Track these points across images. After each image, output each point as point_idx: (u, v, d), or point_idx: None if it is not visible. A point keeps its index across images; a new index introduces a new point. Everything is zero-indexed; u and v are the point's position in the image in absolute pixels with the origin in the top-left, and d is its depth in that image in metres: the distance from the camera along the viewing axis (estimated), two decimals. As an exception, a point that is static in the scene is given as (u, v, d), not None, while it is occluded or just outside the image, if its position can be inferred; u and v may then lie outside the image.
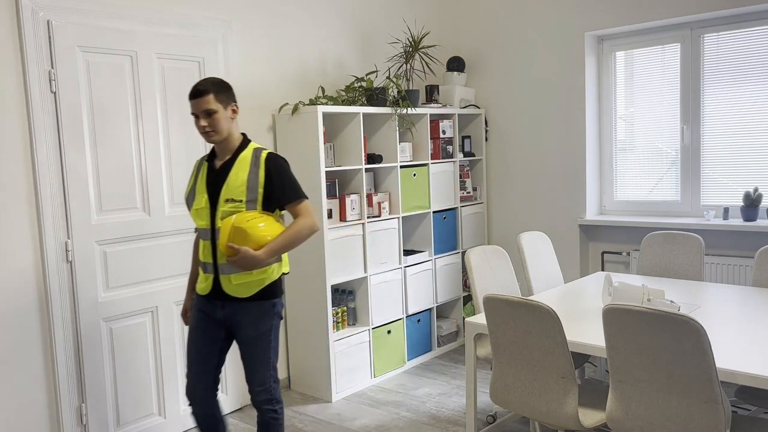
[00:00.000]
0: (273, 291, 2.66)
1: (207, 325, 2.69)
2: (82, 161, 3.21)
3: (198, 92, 2.53)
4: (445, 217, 4.79)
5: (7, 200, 2.99)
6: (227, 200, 2.55)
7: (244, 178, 2.56)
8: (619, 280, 3.38)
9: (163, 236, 3.54)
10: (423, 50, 4.61)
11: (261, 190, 2.57)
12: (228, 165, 2.61)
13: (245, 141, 2.68)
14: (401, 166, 4.40)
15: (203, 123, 2.54)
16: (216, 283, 2.61)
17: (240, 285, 2.60)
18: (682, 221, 4.24)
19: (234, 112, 2.64)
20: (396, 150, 4.33)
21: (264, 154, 2.62)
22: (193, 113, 2.56)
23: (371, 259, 4.22)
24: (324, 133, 3.99)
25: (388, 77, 4.37)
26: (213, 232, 2.58)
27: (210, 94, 2.54)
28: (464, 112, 4.91)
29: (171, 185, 3.57)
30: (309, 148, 3.89)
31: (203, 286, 2.66)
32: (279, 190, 2.59)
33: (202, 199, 2.61)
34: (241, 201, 2.54)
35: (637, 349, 2.29)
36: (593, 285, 3.61)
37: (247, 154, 2.62)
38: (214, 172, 2.62)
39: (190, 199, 2.69)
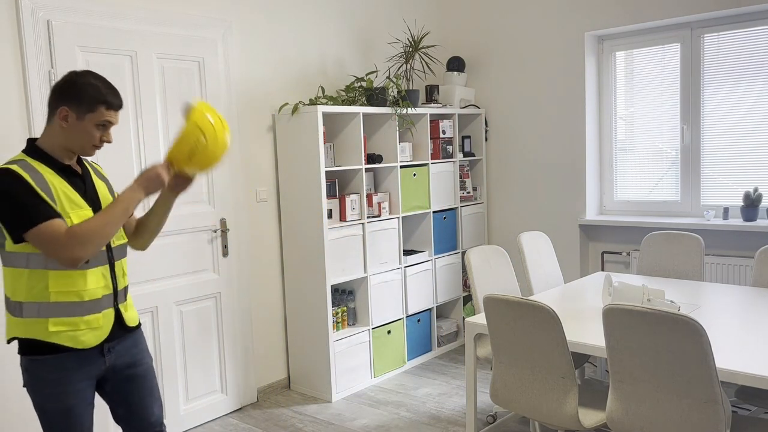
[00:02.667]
0: None
1: (91, 401, 2.10)
2: (82, 161, 3.20)
3: (121, 104, 2.08)
4: (445, 217, 4.79)
5: (7, 200, 2.98)
6: None
7: (102, 184, 2.18)
8: (619, 280, 3.38)
9: (162, 236, 3.54)
10: (423, 50, 4.62)
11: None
12: (86, 170, 2.13)
13: None
14: (401, 166, 4.40)
15: (108, 137, 2.06)
16: (117, 317, 2.11)
17: (132, 309, 2.20)
18: (682, 221, 4.24)
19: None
20: (396, 150, 4.33)
21: (91, 162, 2.24)
22: (105, 122, 2.02)
23: (371, 259, 4.22)
24: (324, 133, 3.99)
25: (388, 77, 4.37)
26: (110, 253, 2.09)
27: None
28: (464, 112, 4.91)
29: (171, 185, 3.57)
30: (309, 148, 3.89)
31: (97, 333, 2.03)
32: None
33: (87, 213, 2.02)
34: None
35: (637, 349, 2.29)
36: (593, 285, 3.61)
37: (84, 160, 2.19)
38: (78, 180, 2.06)
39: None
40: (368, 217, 4.20)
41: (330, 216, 4.05)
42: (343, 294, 4.28)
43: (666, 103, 4.43)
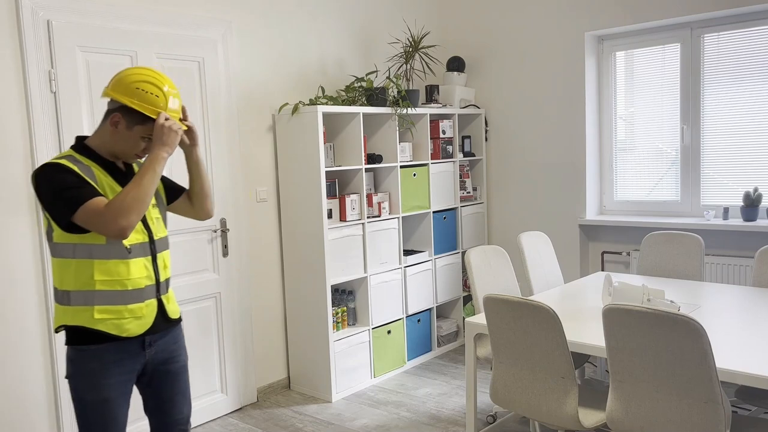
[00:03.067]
0: None
1: (128, 392, 2.12)
2: (82, 161, 3.20)
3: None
4: (445, 217, 4.79)
5: (7, 200, 2.99)
6: (153, 204, 2.19)
7: None
8: (619, 280, 3.38)
9: (163, 236, 3.54)
10: (423, 50, 4.62)
11: (162, 187, 2.31)
12: (129, 166, 2.20)
13: None
14: (401, 166, 4.40)
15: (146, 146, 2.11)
16: (159, 308, 2.15)
17: (174, 302, 2.24)
18: (682, 221, 4.24)
19: None
20: (396, 150, 4.33)
21: None
22: (151, 137, 2.07)
23: (371, 259, 4.22)
24: (324, 133, 3.99)
25: (388, 77, 4.37)
26: (153, 245, 2.14)
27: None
28: (464, 112, 4.91)
29: (171, 185, 3.57)
30: (309, 148, 3.89)
31: (140, 322, 2.08)
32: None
33: None
34: (156, 205, 2.22)
35: (637, 349, 2.29)
36: (593, 285, 3.61)
37: None
38: (120, 176, 2.13)
39: None
40: (368, 217, 4.20)
41: (330, 216, 4.05)
42: (343, 294, 4.28)
43: (666, 103, 4.43)
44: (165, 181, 2.32)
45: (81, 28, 3.17)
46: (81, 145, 2.09)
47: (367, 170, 4.43)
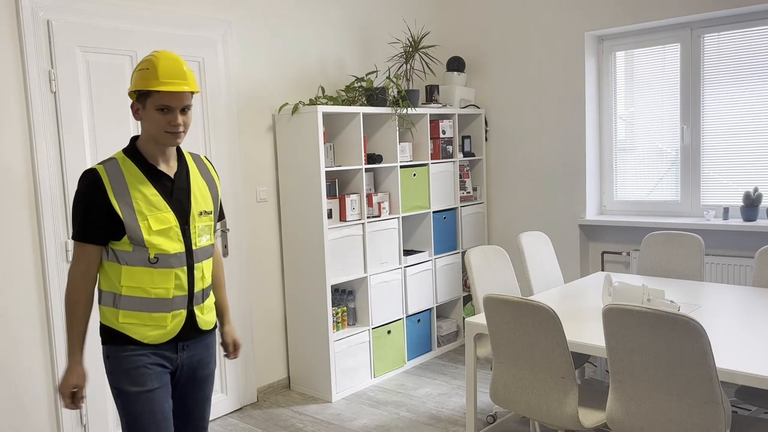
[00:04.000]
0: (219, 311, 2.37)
1: (167, 384, 2.11)
2: (82, 161, 3.20)
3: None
4: (445, 217, 4.79)
5: (7, 200, 2.99)
6: (201, 213, 2.12)
7: (204, 184, 2.16)
8: (619, 280, 3.38)
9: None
10: (423, 50, 4.62)
11: (219, 199, 2.24)
12: (183, 172, 2.12)
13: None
14: (401, 166, 4.40)
15: (179, 121, 2.00)
16: (190, 319, 2.11)
17: (210, 312, 2.21)
18: (682, 221, 4.24)
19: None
20: (396, 150, 4.33)
21: (205, 158, 2.26)
22: (163, 106, 1.98)
23: (371, 259, 4.22)
24: (324, 133, 3.99)
25: (388, 77, 4.37)
26: (190, 256, 2.08)
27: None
28: (464, 112, 4.91)
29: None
30: (309, 148, 3.89)
31: (163, 331, 2.05)
32: (220, 200, 2.27)
33: (168, 217, 2.03)
34: (210, 212, 2.16)
35: (637, 349, 2.29)
36: (593, 285, 3.61)
37: (189, 160, 2.19)
38: (166, 181, 2.07)
39: (134, 221, 1.98)
40: (368, 217, 4.20)
41: (330, 216, 4.05)
42: (343, 294, 4.28)
43: (666, 103, 4.43)
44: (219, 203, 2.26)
45: (81, 28, 3.17)
46: (131, 147, 2.07)
47: (367, 170, 4.43)
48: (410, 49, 4.50)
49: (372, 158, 4.27)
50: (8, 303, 3.01)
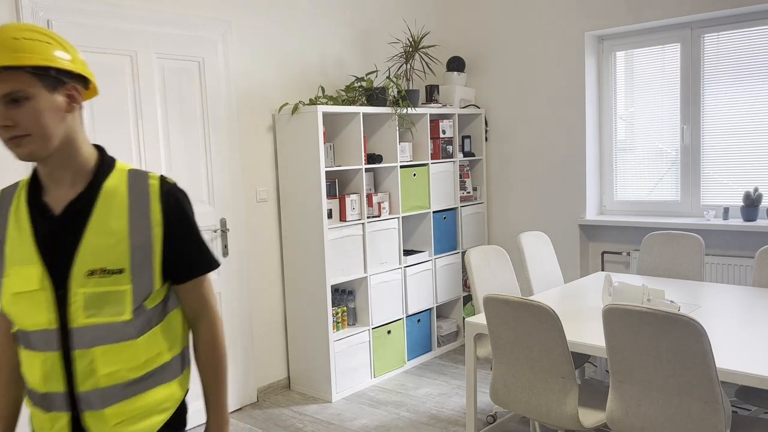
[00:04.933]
0: (182, 421, 1.53)
1: None
2: (82, 161, 3.20)
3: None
4: (445, 217, 4.79)
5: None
6: (90, 273, 1.35)
7: (121, 224, 1.38)
8: (619, 280, 3.38)
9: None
10: (423, 50, 4.62)
11: (159, 249, 1.41)
12: (81, 203, 1.38)
13: (105, 158, 1.44)
14: (401, 166, 4.40)
15: (8, 115, 1.29)
16: (76, 427, 1.40)
17: (125, 421, 1.41)
18: (682, 221, 4.24)
19: (72, 100, 1.37)
20: (396, 150, 4.33)
21: (155, 183, 1.44)
22: None
23: (371, 259, 4.22)
24: (324, 133, 3.99)
25: (388, 77, 4.37)
26: (65, 336, 1.36)
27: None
28: (464, 112, 4.91)
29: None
30: (309, 148, 3.89)
31: None
32: (188, 249, 1.47)
33: (31, 272, 1.36)
34: (121, 271, 1.36)
35: (637, 349, 2.29)
36: (593, 285, 3.61)
37: (116, 183, 1.41)
38: (49, 220, 1.38)
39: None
40: (368, 217, 4.20)
41: (330, 216, 4.05)
42: (343, 294, 4.28)
43: (666, 103, 4.43)
44: (172, 246, 1.44)
45: (81, 28, 3.17)
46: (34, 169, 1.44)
47: (367, 170, 4.43)
48: (410, 49, 4.50)
49: (372, 158, 4.28)
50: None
